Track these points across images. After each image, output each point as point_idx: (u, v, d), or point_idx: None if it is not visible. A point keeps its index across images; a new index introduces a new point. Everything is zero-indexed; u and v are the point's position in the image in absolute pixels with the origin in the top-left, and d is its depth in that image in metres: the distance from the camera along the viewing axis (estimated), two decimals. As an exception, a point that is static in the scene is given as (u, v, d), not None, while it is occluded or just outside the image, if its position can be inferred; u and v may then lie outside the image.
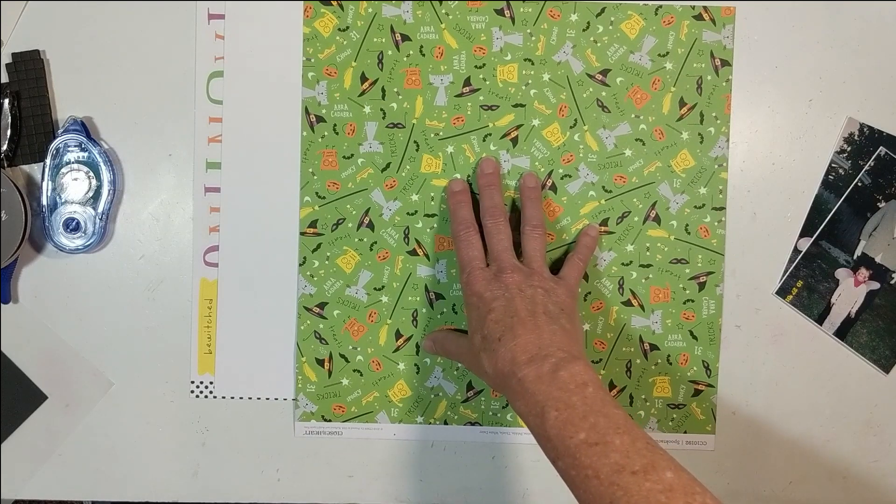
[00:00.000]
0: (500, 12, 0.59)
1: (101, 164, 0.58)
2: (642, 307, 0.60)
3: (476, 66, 0.59)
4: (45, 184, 0.57)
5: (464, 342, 0.56)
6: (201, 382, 0.61)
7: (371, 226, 0.60)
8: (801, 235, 0.60)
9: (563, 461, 0.45)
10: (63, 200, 0.58)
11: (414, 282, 0.60)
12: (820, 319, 0.61)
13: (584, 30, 0.59)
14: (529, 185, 0.58)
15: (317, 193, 0.59)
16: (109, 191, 0.58)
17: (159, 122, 0.59)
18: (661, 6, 0.59)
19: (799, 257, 0.60)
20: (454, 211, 0.58)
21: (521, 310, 0.51)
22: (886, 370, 0.61)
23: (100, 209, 0.58)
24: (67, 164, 0.58)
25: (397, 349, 0.60)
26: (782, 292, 0.61)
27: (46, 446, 0.60)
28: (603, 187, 0.60)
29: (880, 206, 0.60)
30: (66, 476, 0.61)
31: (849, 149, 0.60)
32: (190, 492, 0.61)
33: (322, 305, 0.60)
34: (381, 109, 0.59)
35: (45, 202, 0.58)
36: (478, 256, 0.55)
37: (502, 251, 0.55)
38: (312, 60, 0.59)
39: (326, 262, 0.60)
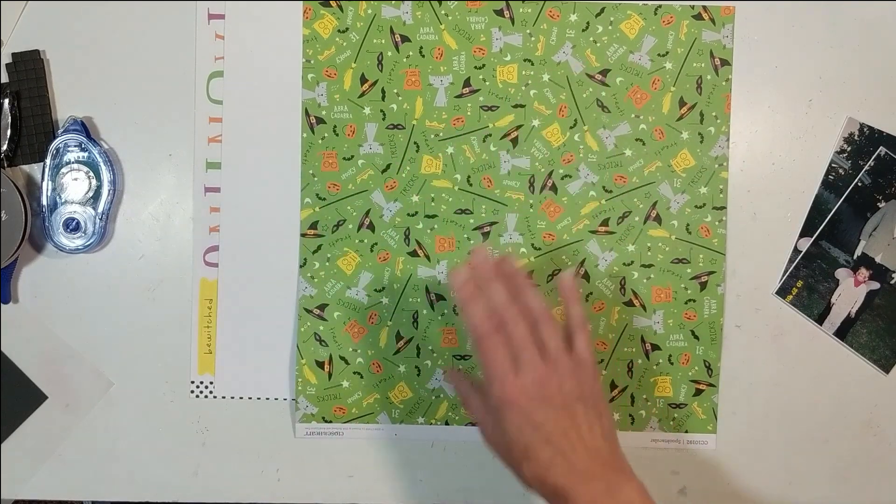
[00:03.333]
0: (499, 13, 0.59)
1: (101, 164, 0.58)
2: (644, 307, 0.60)
3: (476, 67, 0.59)
4: (45, 184, 0.57)
5: (493, 423, 0.51)
6: (201, 382, 0.60)
7: (371, 227, 0.60)
8: (801, 235, 0.60)
9: None
10: (63, 200, 0.58)
11: (414, 283, 0.60)
12: (820, 319, 0.61)
13: (583, 30, 0.59)
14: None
15: (317, 195, 0.59)
16: (109, 191, 0.58)
17: (159, 122, 0.59)
18: (660, 6, 0.59)
19: (799, 257, 0.60)
20: (464, 310, 0.50)
21: (569, 432, 0.49)
22: (886, 370, 0.61)
23: (100, 209, 0.58)
24: (67, 164, 0.58)
25: (398, 351, 0.60)
26: (782, 292, 0.61)
27: (46, 446, 0.60)
28: (603, 187, 0.60)
29: (880, 206, 0.60)
30: (66, 476, 0.61)
31: (849, 149, 0.60)
32: (190, 492, 0.61)
33: (322, 307, 0.60)
34: (381, 111, 0.59)
35: (45, 202, 0.58)
36: (505, 361, 0.49)
37: (530, 354, 0.49)
38: (312, 62, 0.59)
39: (327, 264, 0.60)
